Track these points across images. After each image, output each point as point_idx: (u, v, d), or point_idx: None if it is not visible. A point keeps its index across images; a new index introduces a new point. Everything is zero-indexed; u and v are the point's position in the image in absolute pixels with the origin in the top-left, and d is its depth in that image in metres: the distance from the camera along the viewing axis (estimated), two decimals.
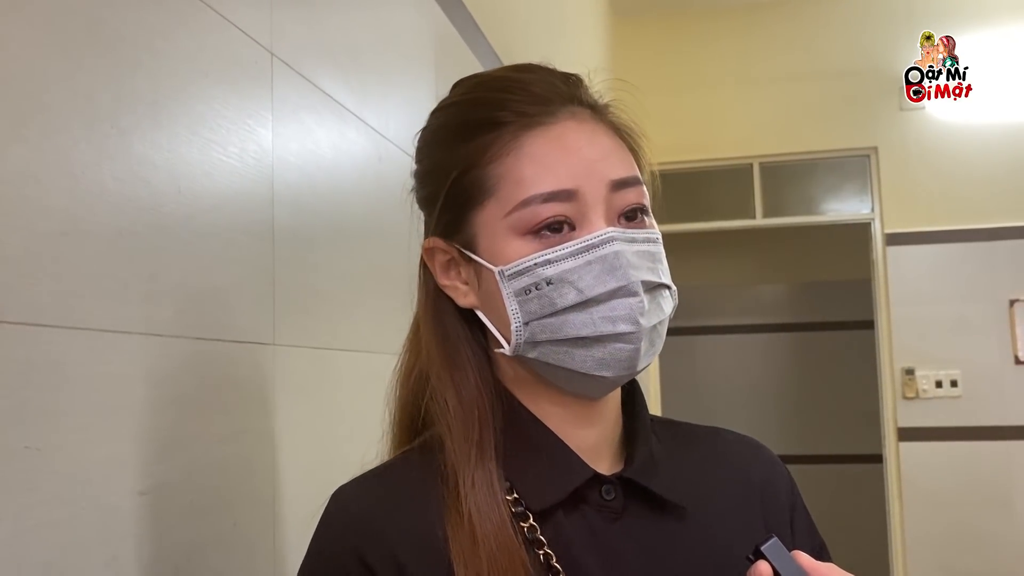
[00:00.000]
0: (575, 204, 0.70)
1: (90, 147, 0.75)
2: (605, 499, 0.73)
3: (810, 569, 0.66)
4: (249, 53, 1.02)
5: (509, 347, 0.72)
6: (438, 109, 0.81)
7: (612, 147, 0.74)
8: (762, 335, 6.33)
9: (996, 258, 4.56)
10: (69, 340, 0.71)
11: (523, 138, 0.72)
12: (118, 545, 0.75)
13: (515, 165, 0.71)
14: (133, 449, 0.78)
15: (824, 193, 5.12)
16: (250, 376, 0.98)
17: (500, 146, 0.72)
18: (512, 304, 0.71)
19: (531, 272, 0.70)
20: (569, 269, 0.69)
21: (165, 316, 0.83)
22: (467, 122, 0.75)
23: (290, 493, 1.04)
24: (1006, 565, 4.35)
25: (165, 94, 0.85)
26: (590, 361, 0.70)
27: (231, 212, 0.96)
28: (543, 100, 0.73)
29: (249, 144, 1.00)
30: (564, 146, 0.72)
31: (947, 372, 4.56)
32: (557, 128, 0.72)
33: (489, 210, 0.72)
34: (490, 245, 0.72)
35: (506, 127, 0.72)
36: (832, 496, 5.78)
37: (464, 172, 0.73)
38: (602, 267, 0.69)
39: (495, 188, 0.72)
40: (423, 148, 0.80)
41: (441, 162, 0.76)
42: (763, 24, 4.94)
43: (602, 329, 0.69)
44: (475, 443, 0.72)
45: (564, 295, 0.69)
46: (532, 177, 0.70)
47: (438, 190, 0.75)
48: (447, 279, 0.77)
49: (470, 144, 0.73)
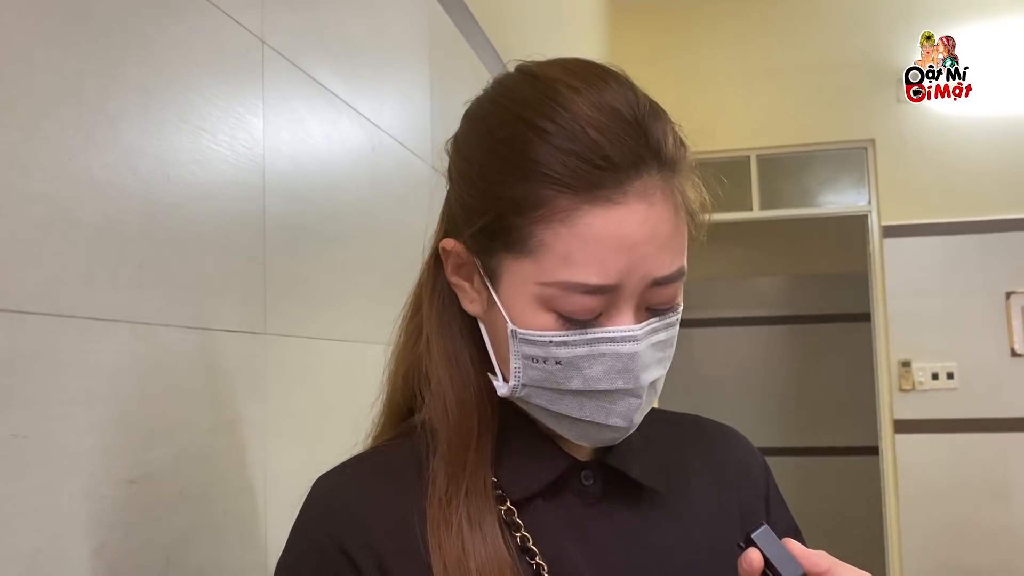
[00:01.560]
0: (611, 297, 0.66)
1: (78, 134, 0.74)
2: (584, 484, 0.74)
3: (801, 556, 0.66)
4: (240, 41, 1.01)
5: (505, 388, 0.71)
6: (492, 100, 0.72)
7: (669, 236, 0.67)
8: (759, 327, 6.33)
9: (993, 251, 4.57)
10: (56, 328, 0.70)
11: (583, 212, 0.64)
12: (107, 534, 0.75)
13: (564, 240, 0.64)
14: (122, 438, 0.78)
15: (821, 185, 5.12)
16: (240, 365, 0.98)
17: (555, 210, 0.64)
18: (517, 362, 0.69)
19: (544, 347, 0.67)
20: (582, 355, 0.67)
21: (154, 305, 0.83)
22: (528, 152, 0.66)
23: (281, 482, 1.04)
24: (1002, 557, 4.36)
25: (154, 82, 0.85)
26: (574, 431, 0.71)
27: (221, 201, 0.95)
28: (613, 166, 0.64)
29: (240, 133, 0.99)
30: (621, 239, 0.64)
31: (943, 364, 4.57)
32: (620, 212, 0.64)
33: (524, 267, 0.67)
34: (512, 298, 0.68)
35: (565, 191, 0.64)
36: (828, 488, 5.79)
37: (508, 215, 0.67)
38: (614, 364, 0.67)
39: (538, 251, 0.66)
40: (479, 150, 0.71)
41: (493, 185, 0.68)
42: (760, 16, 4.93)
43: (595, 417, 0.69)
44: (472, 447, 0.71)
45: (569, 379, 0.67)
46: (580, 263, 0.64)
47: (482, 210, 0.69)
48: (458, 278, 0.73)
49: (523, 184, 0.65)
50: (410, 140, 1.55)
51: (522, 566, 0.69)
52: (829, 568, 0.66)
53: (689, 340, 6.16)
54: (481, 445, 0.72)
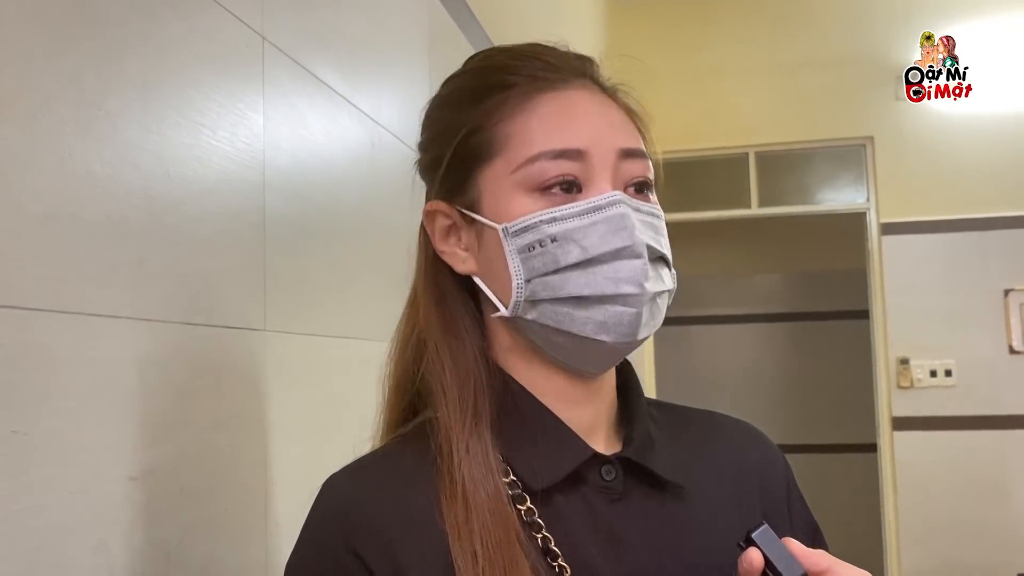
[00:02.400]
0: (583, 165, 0.70)
1: (77, 129, 0.74)
2: (605, 480, 0.72)
3: (801, 556, 0.66)
4: (240, 37, 1.01)
5: (508, 308, 0.71)
6: (448, 79, 0.81)
7: (622, 120, 0.75)
8: (757, 325, 6.33)
9: (991, 248, 4.57)
10: (56, 324, 0.70)
11: (534, 99, 0.72)
12: (107, 530, 0.75)
13: (525, 123, 0.71)
14: (123, 434, 0.78)
15: (820, 183, 5.12)
16: (241, 362, 0.98)
17: (511, 106, 0.72)
18: (514, 261, 0.70)
19: (536, 229, 0.69)
20: (574, 228, 0.68)
21: (154, 301, 0.83)
22: (477, 86, 0.75)
23: (282, 479, 1.03)
24: (999, 554, 4.36)
25: (154, 77, 0.85)
26: (590, 324, 0.69)
27: (221, 197, 0.95)
28: (555, 68, 0.74)
29: (240, 129, 0.99)
30: (575, 109, 0.72)
31: (942, 362, 4.57)
32: (569, 94, 0.73)
33: (496, 168, 0.72)
34: (495, 203, 0.72)
35: (517, 87, 0.73)
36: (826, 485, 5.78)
37: (472, 132, 0.73)
38: (608, 227, 0.69)
39: (503, 146, 0.71)
40: (430, 115, 0.80)
41: (448, 124, 0.75)
42: (759, 14, 4.92)
43: (604, 289, 0.68)
44: (470, 410, 0.71)
45: (568, 252, 0.68)
46: (542, 134, 0.70)
47: (443, 152, 0.75)
48: (446, 245, 0.76)
49: (479, 106, 0.73)
50: (410, 137, 1.54)
51: (545, 568, 0.68)
52: (829, 567, 0.66)
53: (688, 337, 6.16)
54: (479, 406, 0.72)
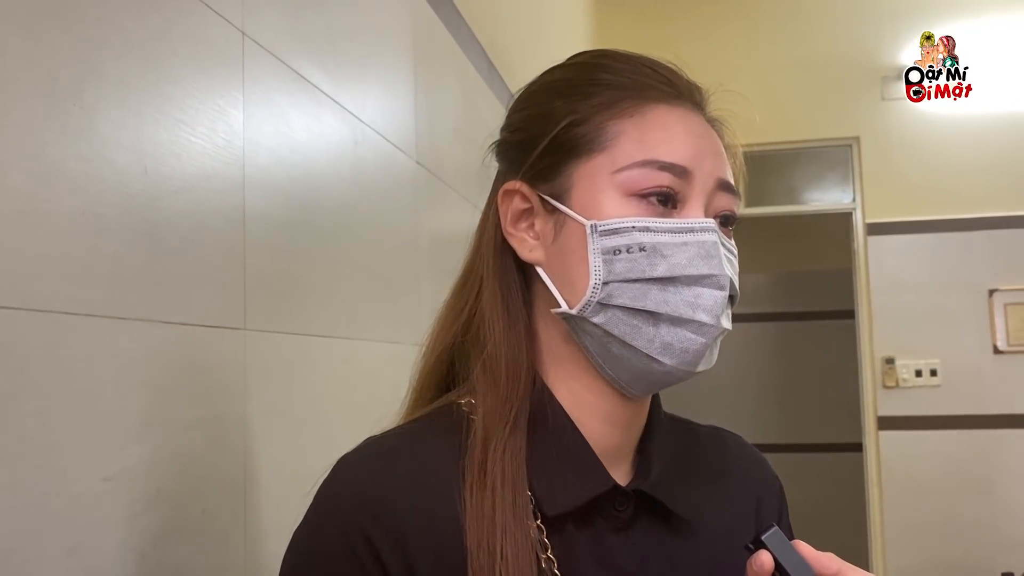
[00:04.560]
0: (684, 183, 0.69)
1: (52, 124, 0.72)
2: (617, 510, 0.72)
3: (811, 559, 0.66)
4: (220, 32, 1.00)
5: (575, 307, 0.69)
6: (552, 69, 0.78)
7: (723, 152, 0.74)
8: (743, 324, 6.34)
9: (976, 248, 4.59)
10: (29, 322, 0.69)
11: (647, 107, 0.71)
12: (81, 532, 0.73)
13: (638, 126, 0.70)
14: (97, 435, 0.76)
15: (806, 183, 5.13)
16: (220, 361, 0.96)
17: (624, 106, 0.70)
18: (596, 260, 0.68)
19: (627, 233, 0.67)
20: (665, 243, 0.67)
21: (131, 299, 0.81)
22: (589, 79, 0.73)
23: (262, 480, 1.02)
24: (985, 553, 4.38)
25: (132, 72, 0.83)
26: (656, 342, 0.67)
27: (200, 194, 0.94)
28: (671, 84, 0.73)
29: (219, 125, 0.98)
30: (687, 128, 0.71)
31: (927, 361, 4.59)
32: (681, 111, 0.72)
33: (596, 163, 0.70)
34: (587, 199, 0.69)
35: (630, 91, 0.71)
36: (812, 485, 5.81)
37: (577, 123, 0.71)
38: (697, 252, 0.68)
39: (610, 144, 0.70)
40: (528, 96, 0.77)
41: (551, 110, 0.73)
42: (745, 14, 4.93)
43: (681, 311, 0.67)
44: (515, 409, 0.69)
45: (655, 265, 0.67)
46: (656, 142, 0.69)
47: (541, 134, 0.72)
48: (515, 228, 0.74)
49: (589, 99, 0.71)
50: (394, 134, 1.53)
51: None
52: (839, 571, 0.66)
53: None
54: (522, 406, 0.70)
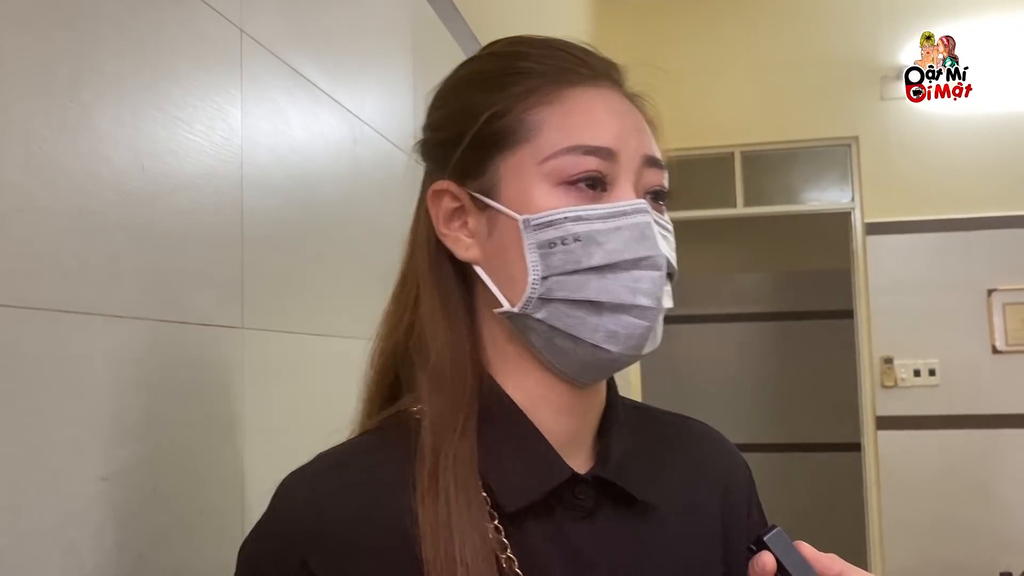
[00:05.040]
0: (611, 165, 0.68)
1: (48, 121, 0.72)
2: (577, 498, 0.70)
3: (813, 559, 0.66)
4: (218, 29, 0.99)
5: (516, 304, 0.68)
6: (469, 60, 0.78)
7: (646, 127, 0.73)
8: (742, 324, 6.35)
9: (974, 248, 4.59)
10: (25, 320, 0.68)
11: (565, 91, 0.70)
12: (78, 532, 0.73)
13: (557, 114, 0.69)
14: (94, 433, 0.76)
15: (805, 182, 5.13)
16: (217, 360, 0.96)
17: (541, 95, 0.69)
18: (532, 256, 0.67)
19: (560, 225, 0.66)
20: (599, 230, 0.66)
21: (128, 297, 0.81)
22: (505, 70, 0.72)
23: (259, 480, 1.02)
24: (983, 553, 4.39)
25: (129, 69, 0.83)
26: (601, 331, 0.67)
27: (198, 192, 0.93)
28: (585, 64, 0.72)
29: (217, 123, 0.97)
30: (607, 108, 0.70)
31: (925, 361, 4.59)
32: (600, 91, 0.71)
33: (521, 155, 0.69)
34: (516, 193, 0.68)
35: (547, 77, 0.70)
36: (811, 484, 5.82)
37: (497, 115, 0.70)
38: (631, 234, 0.67)
39: (533, 134, 0.69)
40: (447, 92, 0.77)
41: (470, 105, 0.72)
42: (745, 12, 4.93)
43: (622, 297, 0.66)
44: (462, 415, 0.68)
45: (591, 254, 0.66)
46: (579, 127, 0.68)
47: (462, 132, 0.71)
48: (448, 228, 0.73)
49: (507, 90, 0.70)
50: (392, 132, 1.53)
51: None
52: (841, 572, 0.66)
53: (673, 336, 6.13)
54: (471, 408, 0.69)
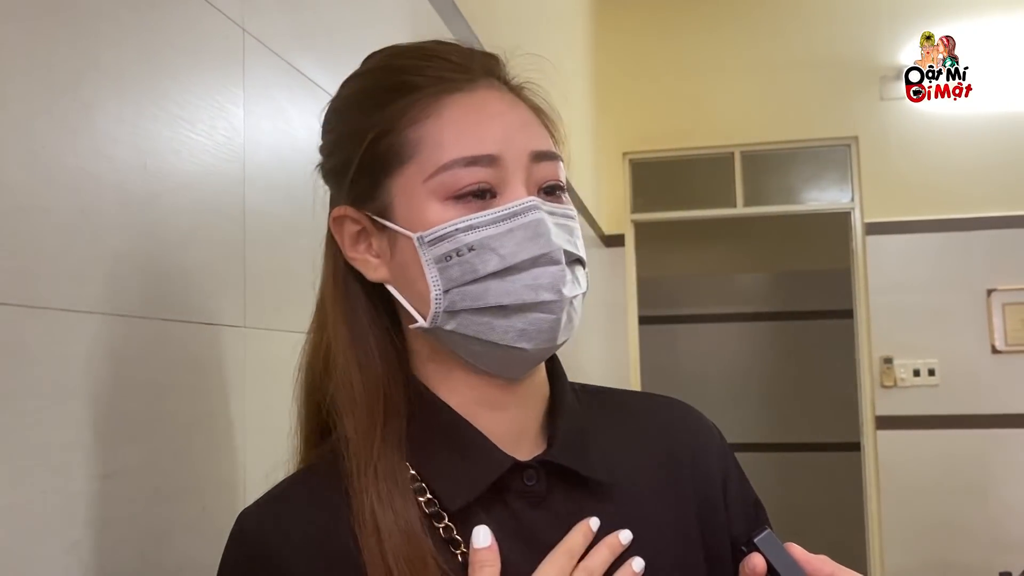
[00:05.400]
0: (497, 170, 0.68)
1: (50, 120, 0.72)
2: (527, 484, 0.71)
3: (803, 561, 0.66)
4: (220, 28, 0.99)
5: (427, 319, 0.69)
6: (350, 78, 0.78)
7: (531, 121, 0.73)
8: (742, 324, 6.35)
9: (974, 248, 4.59)
10: (27, 319, 0.68)
11: (443, 101, 0.70)
12: (80, 530, 0.73)
13: (435, 128, 0.69)
14: (96, 432, 0.76)
15: (804, 182, 5.13)
16: (219, 359, 0.96)
17: (419, 109, 0.70)
18: (432, 271, 0.68)
19: (452, 238, 0.67)
20: (491, 236, 0.67)
21: (130, 296, 0.81)
22: (383, 86, 0.72)
23: (260, 478, 1.02)
24: (981, 552, 4.39)
25: (131, 68, 0.83)
26: (511, 332, 0.68)
27: (199, 191, 0.93)
28: (461, 68, 0.72)
29: (219, 122, 0.97)
30: (485, 112, 0.70)
31: (925, 361, 4.60)
32: (478, 95, 0.71)
33: (408, 175, 0.69)
34: (408, 212, 0.69)
35: (425, 90, 0.70)
36: (810, 484, 5.82)
37: (380, 136, 0.70)
38: (525, 234, 0.67)
39: (414, 152, 0.69)
40: (332, 117, 0.77)
41: (354, 128, 0.72)
42: (745, 13, 4.93)
43: (524, 297, 0.67)
44: (379, 429, 0.69)
45: (486, 261, 0.67)
46: (453, 140, 0.68)
47: (350, 156, 0.72)
48: (356, 252, 0.73)
49: (387, 108, 0.71)
50: None
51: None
52: (832, 573, 0.66)
53: (673, 336, 6.17)
54: (389, 425, 0.70)
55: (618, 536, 0.70)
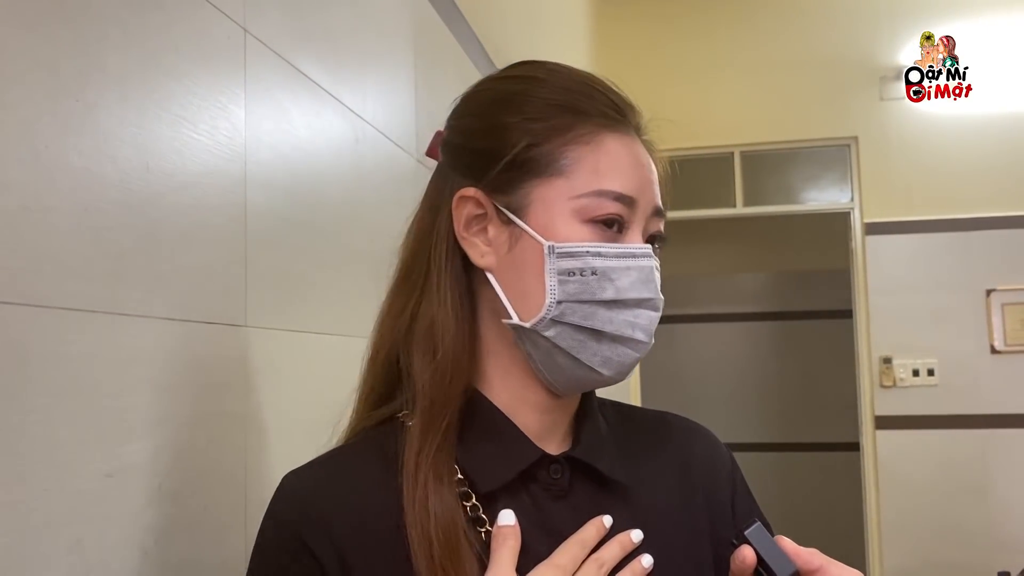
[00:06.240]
0: (630, 212, 0.75)
1: (53, 120, 0.72)
2: (552, 478, 0.76)
3: (793, 554, 0.68)
4: (222, 29, 1.00)
5: (529, 320, 0.73)
6: (507, 77, 0.82)
7: (656, 178, 0.79)
8: (742, 323, 6.35)
9: (973, 248, 4.60)
10: (30, 318, 0.69)
11: (604, 135, 0.75)
12: (83, 528, 0.74)
13: (593, 156, 0.74)
14: (99, 430, 0.76)
15: (804, 182, 5.14)
16: (221, 358, 0.96)
17: (582, 134, 0.75)
18: (552, 280, 0.73)
19: (582, 258, 0.72)
20: (613, 267, 0.73)
21: (132, 295, 0.81)
22: (551, 101, 0.77)
23: (262, 476, 1.02)
24: (980, 552, 4.39)
25: (133, 68, 0.83)
26: (598, 357, 0.73)
27: (201, 191, 0.94)
28: (621, 112, 0.78)
29: (221, 122, 0.98)
30: (636, 158, 0.76)
31: (924, 361, 4.60)
32: (630, 140, 0.77)
33: (555, 186, 0.74)
34: (545, 219, 0.74)
35: (589, 119, 0.75)
36: (809, 484, 5.82)
37: (538, 144, 0.75)
38: (639, 276, 0.74)
39: (568, 170, 0.74)
40: (479, 104, 0.81)
41: (509, 126, 0.76)
42: (745, 13, 4.93)
43: (622, 331, 0.73)
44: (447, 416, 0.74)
45: (604, 288, 0.72)
46: (609, 172, 0.74)
47: (499, 150, 0.76)
48: (468, 232, 0.77)
49: (550, 121, 0.75)
50: (394, 132, 1.53)
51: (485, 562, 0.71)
52: (821, 566, 0.68)
53: (672, 336, 6.17)
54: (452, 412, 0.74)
55: (630, 535, 0.75)
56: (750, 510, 0.85)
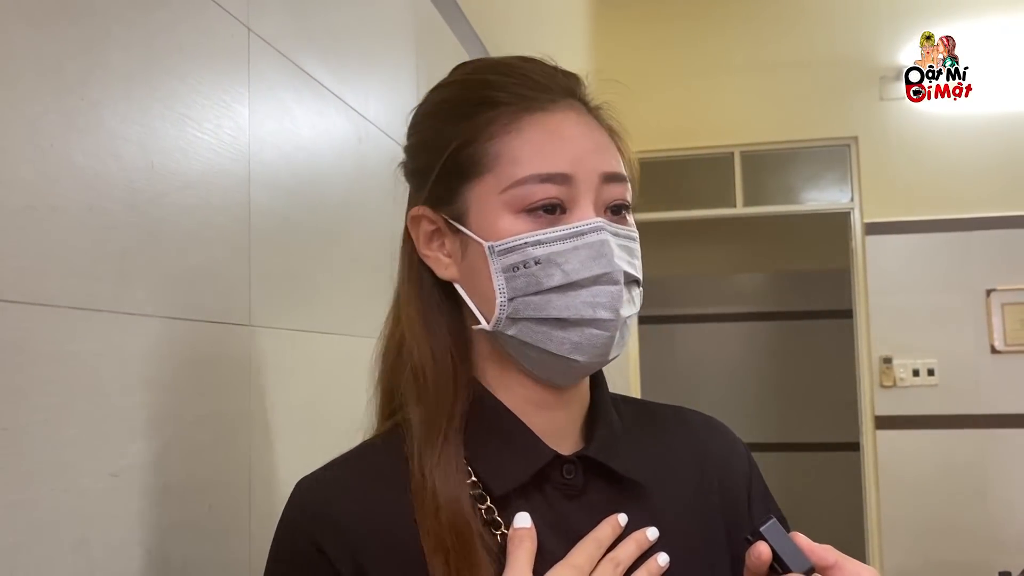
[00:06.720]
0: (568, 188, 0.72)
1: (58, 119, 0.72)
2: (566, 478, 0.75)
3: (809, 550, 0.68)
4: (226, 28, 0.99)
5: (489, 322, 0.73)
6: (438, 86, 0.82)
7: (605, 143, 0.77)
8: (742, 324, 6.36)
9: (973, 248, 4.60)
10: (35, 317, 0.69)
11: (523, 120, 0.74)
12: (87, 527, 0.73)
13: (514, 144, 0.73)
14: (104, 430, 0.76)
15: (804, 182, 5.14)
16: (225, 357, 0.96)
17: (500, 125, 0.74)
18: (499, 279, 0.72)
19: (521, 250, 0.71)
20: (558, 252, 0.71)
21: (137, 295, 0.81)
22: (468, 99, 0.77)
23: (266, 476, 1.02)
24: (980, 552, 4.39)
25: (138, 67, 0.83)
26: (567, 344, 0.72)
27: (206, 190, 0.93)
28: (543, 88, 0.76)
29: (225, 121, 0.98)
30: (561, 133, 0.74)
31: (924, 361, 4.60)
32: (556, 116, 0.75)
33: (484, 185, 0.73)
34: (481, 220, 0.73)
35: (507, 107, 0.74)
36: (809, 484, 5.82)
37: (462, 146, 0.74)
38: (589, 253, 0.71)
39: (492, 165, 0.73)
40: (420, 121, 0.82)
41: (439, 135, 0.77)
42: (745, 14, 4.93)
43: (583, 313, 0.71)
44: (445, 416, 0.74)
45: (551, 276, 0.71)
46: (529, 157, 0.72)
47: (433, 161, 0.76)
48: (429, 250, 0.78)
49: (470, 120, 0.75)
50: (397, 131, 1.53)
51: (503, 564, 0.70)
52: (836, 562, 0.69)
53: (672, 336, 6.18)
54: (455, 411, 0.74)
55: (645, 532, 0.74)
56: (766, 508, 0.84)
